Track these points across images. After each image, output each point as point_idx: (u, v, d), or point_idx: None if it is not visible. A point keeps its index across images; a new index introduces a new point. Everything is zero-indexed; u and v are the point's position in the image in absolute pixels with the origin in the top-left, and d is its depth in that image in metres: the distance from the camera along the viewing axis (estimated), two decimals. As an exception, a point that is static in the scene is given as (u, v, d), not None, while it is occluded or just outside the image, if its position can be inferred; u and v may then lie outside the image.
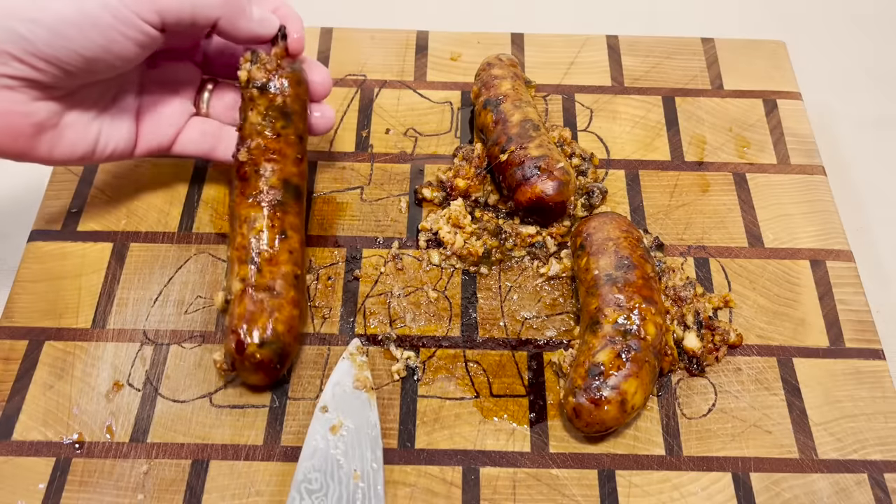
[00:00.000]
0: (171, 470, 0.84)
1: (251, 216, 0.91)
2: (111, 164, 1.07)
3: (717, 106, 1.16)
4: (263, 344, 0.84)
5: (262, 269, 0.88)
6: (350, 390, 0.87)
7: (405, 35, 1.23)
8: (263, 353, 0.84)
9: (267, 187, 0.92)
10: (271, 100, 0.94)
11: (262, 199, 0.91)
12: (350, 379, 0.88)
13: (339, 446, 0.83)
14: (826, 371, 0.93)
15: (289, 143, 0.94)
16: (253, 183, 0.92)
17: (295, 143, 0.95)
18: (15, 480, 0.83)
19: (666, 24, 1.37)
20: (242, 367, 0.86)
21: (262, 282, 0.88)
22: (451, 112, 1.15)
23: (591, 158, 1.08)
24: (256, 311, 0.86)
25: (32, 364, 0.91)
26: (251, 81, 0.94)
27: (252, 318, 0.85)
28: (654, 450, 0.87)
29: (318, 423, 0.84)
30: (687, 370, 0.92)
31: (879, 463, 0.87)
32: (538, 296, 0.98)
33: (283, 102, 0.94)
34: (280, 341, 0.85)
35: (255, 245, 0.90)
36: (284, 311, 0.87)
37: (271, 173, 0.92)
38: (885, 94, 1.29)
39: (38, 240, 1.01)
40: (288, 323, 0.87)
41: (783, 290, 0.99)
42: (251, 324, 0.85)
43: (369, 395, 0.87)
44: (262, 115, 0.93)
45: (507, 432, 0.88)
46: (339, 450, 0.83)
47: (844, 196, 1.14)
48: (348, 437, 0.84)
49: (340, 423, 0.84)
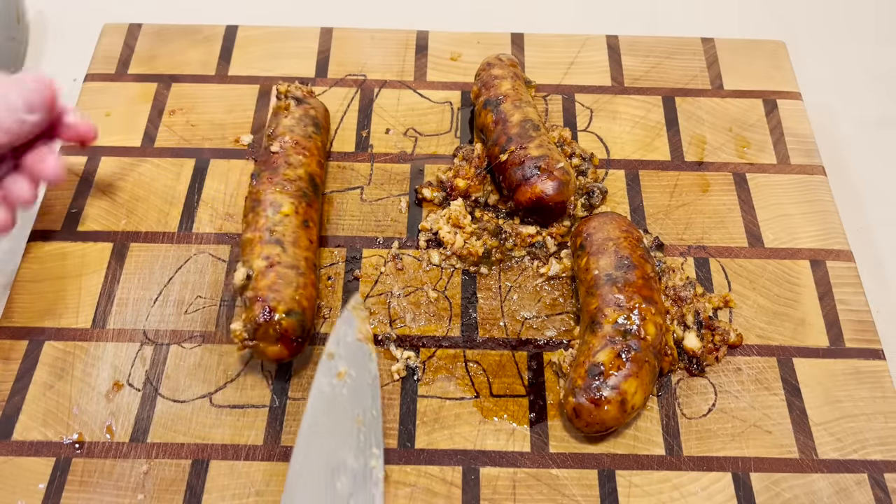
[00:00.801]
0: (171, 470, 0.84)
1: (277, 200, 0.94)
2: (111, 164, 1.07)
3: (717, 106, 1.16)
4: (290, 313, 0.85)
5: (288, 250, 0.90)
6: (353, 341, 0.89)
7: (405, 35, 1.23)
8: (289, 322, 0.85)
9: (296, 177, 0.96)
10: (305, 110, 1.04)
11: (290, 188, 0.95)
12: (353, 331, 0.89)
13: (344, 392, 0.85)
14: (826, 371, 0.93)
15: (316, 146, 1.02)
16: (282, 172, 0.96)
17: (321, 148, 1.03)
18: (15, 480, 0.83)
19: (666, 24, 1.37)
20: (265, 336, 0.85)
21: (288, 260, 0.89)
22: (451, 112, 1.15)
23: (591, 158, 1.08)
24: (284, 283, 0.87)
25: (32, 364, 0.91)
26: (288, 94, 1.05)
27: (279, 289, 0.86)
28: (654, 450, 0.87)
29: (325, 369, 0.86)
30: (687, 370, 0.92)
31: (879, 463, 0.87)
32: (538, 296, 0.98)
33: (314, 115, 1.04)
34: (304, 314, 0.87)
35: (280, 227, 0.92)
36: (308, 289, 0.89)
37: (300, 165, 0.98)
38: (885, 94, 1.29)
39: (38, 240, 1.01)
40: (311, 301, 0.89)
41: (783, 290, 0.99)
42: (278, 293, 0.86)
43: (370, 348, 0.89)
44: (296, 120, 1.02)
45: (507, 432, 0.88)
46: (344, 395, 0.85)
47: (844, 196, 1.14)
48: (351, 384, 0.86)
49: (346, 370, 0.86)
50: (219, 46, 1.20)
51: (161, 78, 1.17)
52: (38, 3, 1.35)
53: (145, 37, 1.21)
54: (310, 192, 0.97)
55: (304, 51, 1.20)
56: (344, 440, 0.82)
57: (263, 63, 1.19)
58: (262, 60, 1.19)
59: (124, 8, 1.33)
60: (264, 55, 1.20)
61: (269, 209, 0.93)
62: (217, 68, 1.18)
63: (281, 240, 0.91)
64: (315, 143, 1.01)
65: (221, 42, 1.21)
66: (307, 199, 0.96)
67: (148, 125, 1.12)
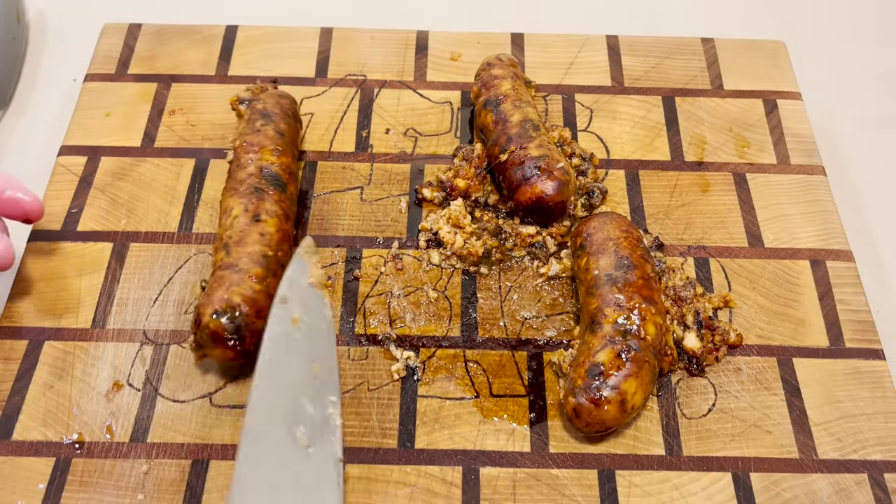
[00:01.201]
0: (171, 470, 0.84)
1: (230, 206, 0.94)
2: (111, 164, 1.07)
3: (717, 106, 1.16)
4: (217, 314, 0.84)
5: (231, 251, 0.90)
6: (305, 286, 0.88)
7: (405, 35, 1.23)
8: (216, 323, 0.84)
9: (246, 176, 0.96)
10: (253, 107, 1.04)
11: (241, 188, 0.95)
12: (305, 276, 0.89)
13: (299, 337, 0.84)
14: (826, 371, 0.93)
15: (266, 137, 1.00)
16: (234, 176, 0.97)
17: (273, 136, 1.00)
18: (15, 480, 0.83)
19: (666, 24, 1.37)
20: (202, 341, 0.86)
21: (228, 261, 0.89)
22: (451, 112, 1.15)
23: (591, 158, 1.08)
24: (215, 286, 0.87)
25: (32, 364, 0.91)
26: (240, 101, 1.06)
27: (209, 292, 0.86)
28: (654, 450, 0.87)
29: (279, 313, 0.85)
30: (687, 370, 0.92)
31: (879, 463, 0.87)
32: (538, 296, 0.98)
33: (262, 107, 1.03)
34: (234, 311, 0.85)
35: (230, 231, 0.91)
36: (244, 285, 0.87)
37: (248, 162, 0.98)
38: (885, 94, 1.29)
39: (38, 240, 1.01)
40: (247, 296, 0.86)
41: (783, 290, 0.99)
42: (207, 297, 0.86)
43: (324, 293, 0.89)
44: (245, 122, 1.03)
45: (507, 432, 0.88)
46: (299, 341, 0.84)
47: (844, 196, 1.13)
48: (305, 329, 0.85)
49: (299, 316, 0.85)
50: (219, 46, 1.20)
51: (161, 78, 1.17)
52: (38, 3, 1.35)
53: (145, 37, 1.21)
54: (265, 185, 0.95)
55: (303, 51, 1.20)
56: (301, 388, 0.81)
57: (263, 63, 1.19)
58: (262, 60, 1.19)
59: (124, 8, 1.33)
60: (264, 55, 1.20)
61: (224, 217, 0.94)
62: (217, 68, 1.18)
63: (228, 243, 0.90)
64: (266, 134, 1.00)
65: (221, 42, 1.21)
66: (260, 193, 0.94)
67: (148, 125, 1.12)
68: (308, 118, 1.13)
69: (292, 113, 1.06)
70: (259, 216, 0.92)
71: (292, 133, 1.04)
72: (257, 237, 0.91)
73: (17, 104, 1.24)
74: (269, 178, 0.96)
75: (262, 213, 0.93)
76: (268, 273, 0.89)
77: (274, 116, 1.02)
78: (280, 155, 0.99)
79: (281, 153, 0.99)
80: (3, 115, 1.22)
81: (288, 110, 1.05)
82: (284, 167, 0.98)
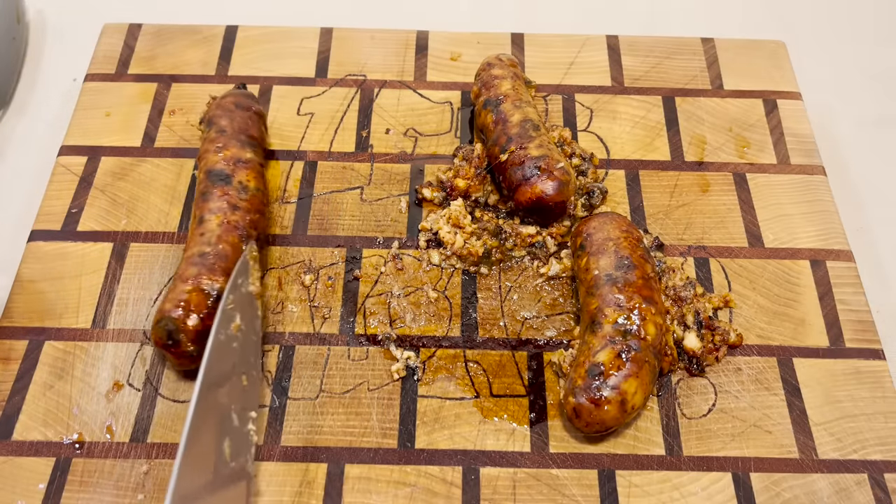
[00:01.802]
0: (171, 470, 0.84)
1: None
2: (111, 164, 1.07)
3: (717, 106, 1.16)
4: (156, 324, 0.87)
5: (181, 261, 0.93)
6: (246, 293, 0.89)
7: (405, 35, 1.23)
8: (156, 333, 0.86)
9: (201, 187, 0.98)
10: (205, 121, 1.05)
11: (197, 199, 0.97)
12: (248, 281, 0.90)
13: (235, 347, 0.86)
14: (826, 371, 0.93)
15: (209, 140, 1.01)
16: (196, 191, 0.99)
17: (215, 137, 1.01)
18: (15, 480, 0.83)
19: (666, 24, 1.37)
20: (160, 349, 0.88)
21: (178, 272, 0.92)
22: (451, 112, 1.15)
23: (592, 158, 1.08)
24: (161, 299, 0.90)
25: (32, 364, 0.91)
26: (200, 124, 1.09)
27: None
28: (654, 450, 0.87)
29: (224, 320, 0.85)
30: (687, 370, 0.92)
31: (879, 463, 0.87)
32: (538, 296, 0.98)
33: (208, 116, 1.05)
34: (166, 318, 0.86)
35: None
36: (177, 289, 0.88)
37: (201, 173, 0.99)
38: (885, 94, 1.29)
39: (38, 240, 1.01)
40: (177, 301, 0.87)
41: (783, 290, 0.99)
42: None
43: (259, 304, 0.91)
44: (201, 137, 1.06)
45: (507, 432, 0.88)
46: (236, 351, 0.85)
47: (844, 196, 1.14)
48: (242, 339, 0.87)
49: (238, 325, 0.87)
50: (219, 46, 1.20)
51: (161, 78, 1.17)
52: (38, 3, 1.35)
53: (145, 37, 1.21)
54: (209, 187, 0.96)
55: (303, 51, 1.20)
56: (233, 398, 0.83)
57: (263, 63, 1.19)
58: (261, 60, 1.19)
59: (124, 8, 1.33)
60: (264, 55, 1.20)
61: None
62: (217, 68, 1.18)
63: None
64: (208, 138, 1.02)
65: (221, 42, 1.21)
66: (206, 195, 0.96)
67: (148, 125, 1.12)
68: (308, 118, 1.13)
69: (234, 105, 1.05)
70: (203, 218, 0.94)
71: (238, 123, 1.03)
72: (198, 238, 0.92)
73: (16, 104, 1.24)
74: (213, 178, 0.97)
75: (205, 214, 0.94)
76: (202, 269, 0.89)
77: (215, 118, 1.03)
78: (222, 150, 0.99)
79: (222, 148, 1.00)
80: (3, 115, 1.22)
81: (229, 105, 1.05)
82: (228, 159, 0.99)
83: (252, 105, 1.06)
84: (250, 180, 0.98)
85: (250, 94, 1.09)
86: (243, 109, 1.05)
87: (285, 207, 1.05)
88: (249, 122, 1.04)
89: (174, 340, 0.85)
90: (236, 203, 0.95)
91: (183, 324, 0.85)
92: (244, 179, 0.97)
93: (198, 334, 0.85)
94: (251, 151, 1.01)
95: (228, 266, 0.90)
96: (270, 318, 0.95)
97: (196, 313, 0.86)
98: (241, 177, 0.97)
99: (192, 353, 0.86)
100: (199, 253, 0.90)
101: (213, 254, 0.90)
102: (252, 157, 1.00)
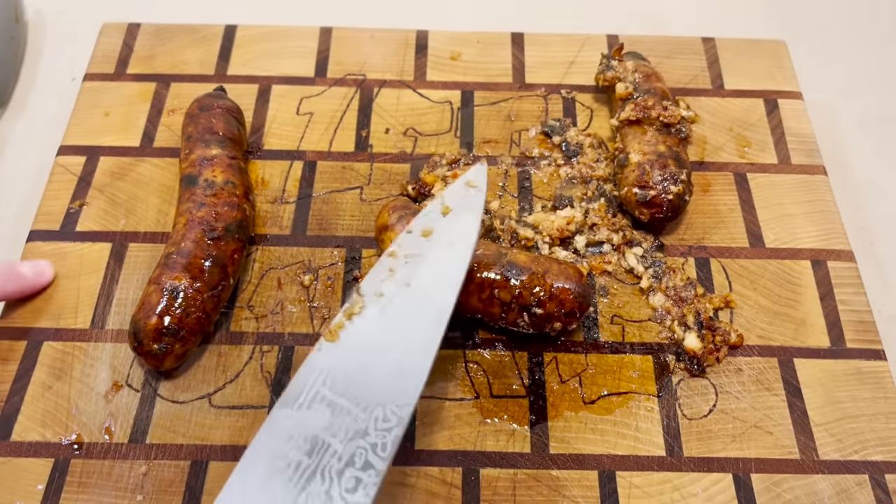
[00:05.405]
0: (170, 471, 0.84)
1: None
2: (110, 164, 1.07)
3: (718, 106, 1.16)
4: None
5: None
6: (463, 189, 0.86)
7: (405, 35, 1.23)
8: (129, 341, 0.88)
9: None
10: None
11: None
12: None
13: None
14: (827, 372, 0.93)
15: (181, 150, 1.02)
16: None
17: (183, 147, 1.02)
18: (13, 481, 0.83)
19: (666, 24, 1.37)
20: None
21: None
22: (451, 111, 1.15)
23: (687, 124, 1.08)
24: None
25: (31, 364, 0.91)
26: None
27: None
28: (654, 451, 0.87)
29: (436, 206, 0.85)
30: (688, 371, 0.92)
31: (880, 464, 0.86)
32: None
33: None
34: (133, 319, 0.88)
35: None
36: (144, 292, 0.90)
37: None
38: (885, 93, 1.29)
39: (37, 240, 1.01)
40: (140, 301, 0.89)
41: (784, 290, 0.99)
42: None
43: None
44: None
45: (507, 433, 0.88)
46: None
47: (845, 196, 1.13)
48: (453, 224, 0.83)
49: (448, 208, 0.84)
50: (218, 46, 1.20)
51: (160, 77, 1.17)
52: (37, 3, 1.35)
53: (144, 36, 1.21)
54: (180, 191, 0.97)
55: (303, 50, 1.20)
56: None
57: (262, 62, 1.19)
58: (261, 60, 1.19)
59: (123, 7, 1.33)
60: (263, 55, 1.19)
61: None
62: (216, 68, 1.18)
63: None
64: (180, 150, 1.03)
65: (220, 41, 1.21)
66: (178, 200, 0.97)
67: (147, 125, 1.12)
68: (307, 118, 1.13)
69: (198, 109, 1.05)
70: (175, 223, 0.95)
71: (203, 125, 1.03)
72: (178, 238, 0.93)
73: (15, 104, 1.24)
74: (184, 184, 0.98)
75: (176, 219, 0.95)
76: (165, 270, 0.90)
77: (184, 128, 1.04)
78: (188, 156, 1.00)
79: (189, 154, 1.00)
80: (2, 115, 1.22)
81: (193, 111, 1.05)
82: (194, 162, 0.99)
83: (215, 102, 1.05)
84: (216, 175, 0.97)
85: (218, 93, 1.09)
86: (207, 110, 1.04)
87: (285, 207, 1.04)
88: (213, 120, 1.03)
89: (138, 342, 0.86)
90: (202, 200, 0.95)
91: (141, 322, 0.86)
92: (210, 176, 0.97)
93: (158, 332, 0.86)
94: (217, 147, 1.00)
95: (189, 262, 0.90)
96: (270, 318, 0.95)
97: (153, 307, 0.87)
98: (206, 175, 0.97)
99: (155, 351, 0.86)
100: (166, 255, 0.91)
101: (175, 253, 0.91)
102: (218, 153, 1.00)
